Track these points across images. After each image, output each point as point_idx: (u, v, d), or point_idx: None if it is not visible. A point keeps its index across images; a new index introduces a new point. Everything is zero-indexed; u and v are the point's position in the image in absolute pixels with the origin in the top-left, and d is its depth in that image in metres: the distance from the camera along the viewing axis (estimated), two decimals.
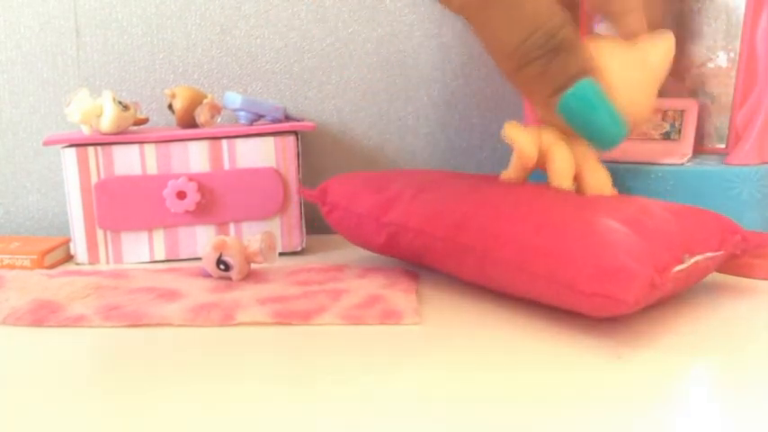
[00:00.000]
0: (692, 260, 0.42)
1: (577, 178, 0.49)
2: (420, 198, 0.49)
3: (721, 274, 0.51)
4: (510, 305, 0.45)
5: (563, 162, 0.48)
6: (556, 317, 0.42)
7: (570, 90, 0.43)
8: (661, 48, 0.49)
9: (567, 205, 0.44)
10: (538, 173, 0.49)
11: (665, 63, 0.49)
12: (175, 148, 0.59)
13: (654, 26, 0.50)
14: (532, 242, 0.41)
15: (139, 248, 0.60)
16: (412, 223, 0.48)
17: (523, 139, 0.48)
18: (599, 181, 0.49)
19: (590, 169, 0.48)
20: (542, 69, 0.43)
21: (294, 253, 0.62)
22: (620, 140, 0.45)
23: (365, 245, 0.54)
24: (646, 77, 0.48)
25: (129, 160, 0.58)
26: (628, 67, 0.47)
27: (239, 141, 0.59)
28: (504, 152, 0.57)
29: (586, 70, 0.43)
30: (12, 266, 0.57)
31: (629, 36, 0.49)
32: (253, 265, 0.54)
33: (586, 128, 0.45)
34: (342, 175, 0.56)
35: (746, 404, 0.32)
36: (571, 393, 0.33)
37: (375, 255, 0.57)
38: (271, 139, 0.60)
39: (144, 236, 0.60)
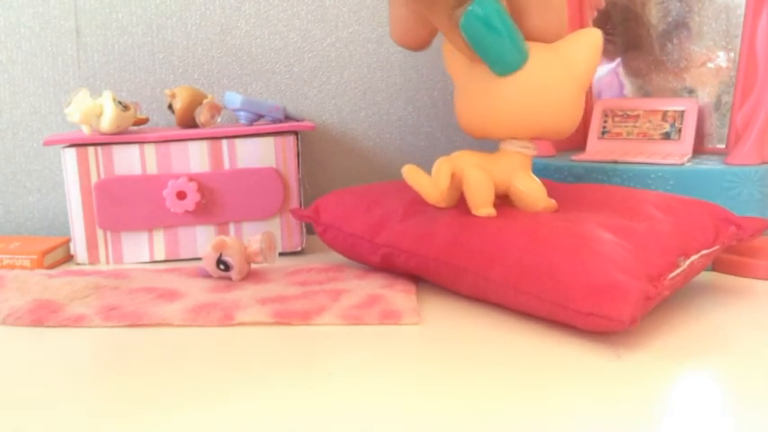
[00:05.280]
0: (688, 261, 0.42)
1: (510, 194, 0.47)
2: (410, 218, 0.48)
3: (721, 274, 0.51)
4: None
5: (476, 188, 0.45)
6: None
7: (473, 4, 0.42)
8: (584, 48, 0.44)
9: (556, 218, 0.44)
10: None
11: (589, 65, 0.45)
12: (175, 148, 0.59)
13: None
14: (524, 261, 0.41)
15: (139, 248, 0.60)
16: (404, 245, 0.48)
17: (423, 181, 0.46)
18: (532, 194, 0.46)
19: (520, 183, 0.46)
20: None
21: (294, 253, 0.62)
22: (519, 65, 0.44)
23: (362, 263, 0.53)
24: (569, 83, 0.44)
25: (129, 160, 0.58)
26: (548, 74, 0.44)
27: (239, 141, 0.59)
28: None
29: None
30: (12, 266, 0.57)
31: (537, 34, 0.45)
32: (253, 265, 0.54)
33: (487, 48, 0.43)
34: (333, 193, 0.56)
35: (746, 404, 0.32)
36: (571, 393, 0.33)
37: None
38: (271, 139, 0.60)
39: (144, 236, 0.60)
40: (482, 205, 0.46)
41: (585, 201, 0.48)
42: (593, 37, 0.44)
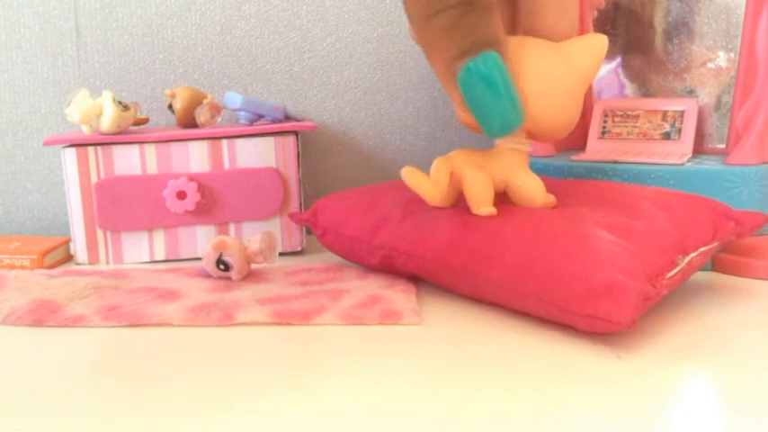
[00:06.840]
0: (687, 259, 0.42)
1: (508, 191, 0.47)
2: (408, 219, 0.48)
3: (720, 274, 0.51)
4: None
5: (476, 187, 0.45)
6: None
7: (474, 59, 0.40)
8: (590, 52, 0.44)
9: (554, 217, 0.44)
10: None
11: (593, 68, 0.45)
12: (175, 148, 0.59)
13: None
14: (522, 262, 0.41)
15: (139, 248, 0.60)
16: (403, 246, 0.47)
17: (422, 183, 0.46)
18: (530, 190, 0.46)
19: (519, 180, 0.46)
20: (453, 22, 0.39)
21: (294, 253, 0.62)
22: (513, 129, 0.42)
23: (361, 265, 0.53)
24: (571, 82, 0.44)
25: (129, 160, 0.58)
26: (552, 70, 0.44)
27: (239, 141, 0.59)
28: None
29: (496, 40, 0.40)
30: (12, 266, 0.57)
31: (547, 33, 0.44)
32: (253, 265, 0.54)
33: (483, 107, 0.41)
34: (331, 195, 0.55)
35: (746, 404, 0.32)
36: (571, 394, 0.33)
37: None
38: (271, 139, 0.60)
39: (144, 236, 0.60)
40: (482, 204, 0.46)
41: (584, 197, 0.48)
42: (601, 42, 0.44)
